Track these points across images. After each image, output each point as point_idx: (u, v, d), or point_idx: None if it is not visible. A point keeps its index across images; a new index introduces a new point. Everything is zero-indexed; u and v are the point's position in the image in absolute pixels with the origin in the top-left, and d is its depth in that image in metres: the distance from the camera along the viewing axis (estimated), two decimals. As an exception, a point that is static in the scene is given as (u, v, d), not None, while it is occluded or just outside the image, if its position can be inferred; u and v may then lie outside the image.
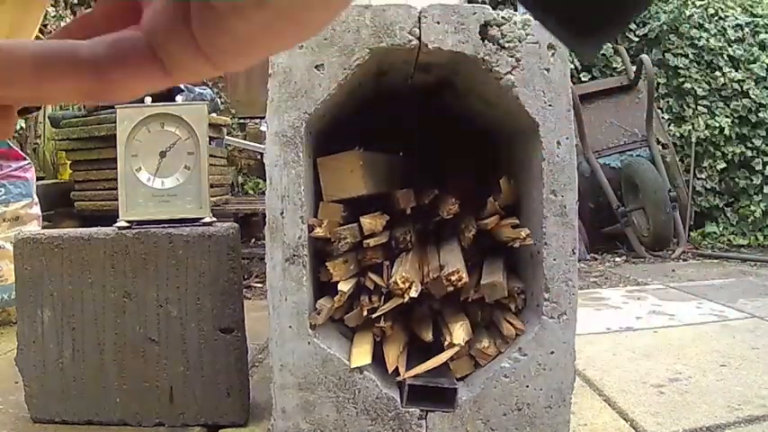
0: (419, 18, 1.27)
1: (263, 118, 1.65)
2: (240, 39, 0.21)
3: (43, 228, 2.66)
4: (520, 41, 1.29)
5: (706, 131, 4.85)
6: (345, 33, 1.27)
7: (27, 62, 0.22)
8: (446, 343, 1.31)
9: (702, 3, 5.04)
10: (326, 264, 1.31)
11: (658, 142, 4.29)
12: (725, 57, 4.95)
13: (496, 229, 1.39)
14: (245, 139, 4.96)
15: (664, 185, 3.92)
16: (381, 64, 1.35)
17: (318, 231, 1.29)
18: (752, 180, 4.90)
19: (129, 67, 0.22)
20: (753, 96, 4.86)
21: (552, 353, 1.30)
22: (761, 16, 5.08)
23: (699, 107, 4.92)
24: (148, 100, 1.59)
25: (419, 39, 1.26)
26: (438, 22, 1.27)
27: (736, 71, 4.92)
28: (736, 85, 4.89)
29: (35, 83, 0.22)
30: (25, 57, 0.22)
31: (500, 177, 1.43)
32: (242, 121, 5.39)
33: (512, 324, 1.33)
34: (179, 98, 2.79)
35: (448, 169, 1.63)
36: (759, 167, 4.88)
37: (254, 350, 1.93)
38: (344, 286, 1.31)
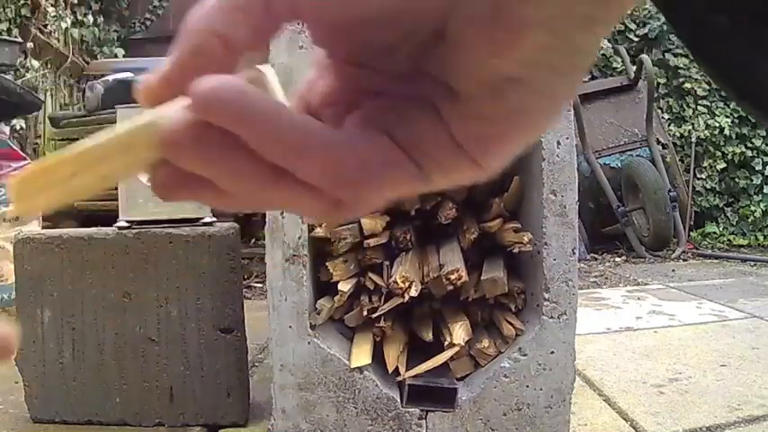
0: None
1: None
2: (500, 124, 0.19)
3: (43, 228, 2.66)
4: (520, 41, 1.29)
5: (706, 131, 4.85)
6: (345, 33, 1.26)
7: None
8: (446, 343, 1.30)
9: (702, 3, 5.04)
10: (326, 264, 1.31)
11: (658, 142, 4.29)
12: (725, 57, 4.95)
13: (499, 232, 1.39)
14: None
15: (664, 185, 3.92)
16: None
17: (318, 231, 1.29)
18: (752, 180, 4.90)
19: (386, 174, 0.20)
20: (753, 96, 4.86)
21: (552, 353, 1.30)
22: (761, 16, 5.08)
23: (699, 107, 4.92)
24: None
25: (419, 39, 1.26)
26: (438, 22, 1.27)
27: (737, 71, 4.92)
28: (736, 85, 4.89)
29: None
30: None
31: (502, 177, 1.42)
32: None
33: (512, 324, 1.33)
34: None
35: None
36: (759, 167, 4.89)
37: (254, 350, 1.93)
38: (344, 286, 1.30)
